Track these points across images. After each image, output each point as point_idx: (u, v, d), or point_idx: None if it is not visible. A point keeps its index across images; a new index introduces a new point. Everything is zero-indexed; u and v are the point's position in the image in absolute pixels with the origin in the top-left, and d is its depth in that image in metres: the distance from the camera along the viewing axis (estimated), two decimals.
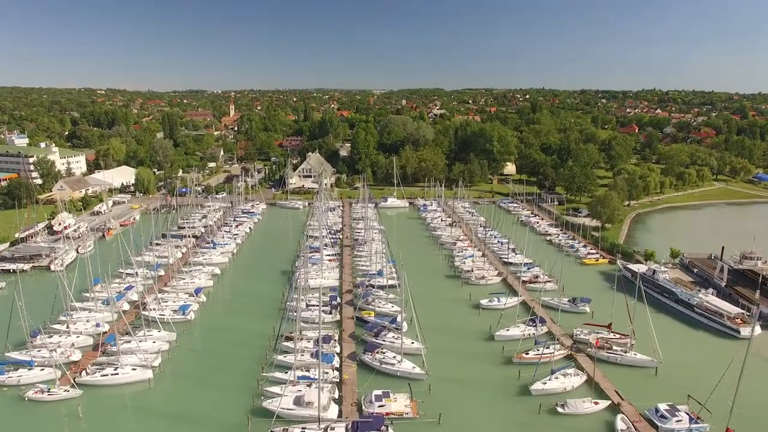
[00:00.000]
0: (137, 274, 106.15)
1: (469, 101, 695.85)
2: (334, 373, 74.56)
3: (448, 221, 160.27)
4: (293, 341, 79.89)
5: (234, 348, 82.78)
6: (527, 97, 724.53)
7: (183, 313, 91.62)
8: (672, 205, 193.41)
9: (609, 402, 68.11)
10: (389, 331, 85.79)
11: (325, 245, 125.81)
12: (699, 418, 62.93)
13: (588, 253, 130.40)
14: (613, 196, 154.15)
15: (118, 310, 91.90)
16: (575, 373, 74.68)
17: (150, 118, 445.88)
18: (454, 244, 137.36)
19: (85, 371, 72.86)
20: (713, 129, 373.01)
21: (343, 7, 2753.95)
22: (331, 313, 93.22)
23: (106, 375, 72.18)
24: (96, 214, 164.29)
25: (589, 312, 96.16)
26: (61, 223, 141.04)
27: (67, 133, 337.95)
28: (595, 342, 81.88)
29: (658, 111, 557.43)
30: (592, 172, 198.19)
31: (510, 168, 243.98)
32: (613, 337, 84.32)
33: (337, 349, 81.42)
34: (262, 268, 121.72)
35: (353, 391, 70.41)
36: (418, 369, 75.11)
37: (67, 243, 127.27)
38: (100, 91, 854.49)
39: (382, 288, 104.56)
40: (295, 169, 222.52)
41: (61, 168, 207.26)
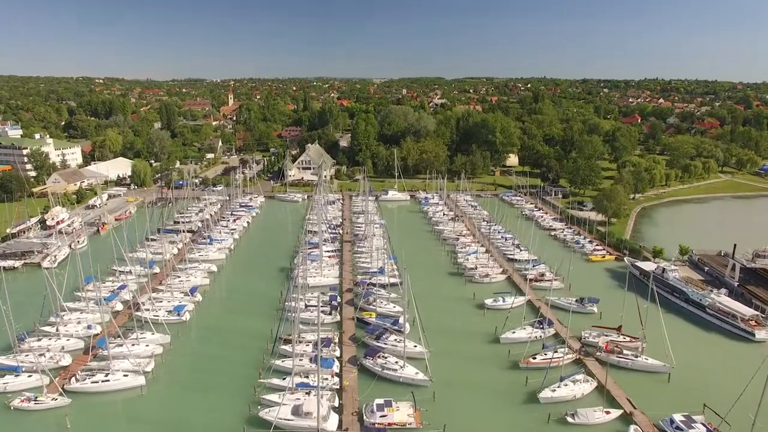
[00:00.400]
0: (131, 272, 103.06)
1: (470, 90, 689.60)
2: (334, 379, 71.63)
3: (450, 215, 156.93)
4: (291, 344, 77.08)
5: (230, 351, 79.79)
6: (529, 86, 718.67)
7: (178, 314, 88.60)
8: (678, 199, 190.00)
9: (621, 411, 65.14)
10: (391, 333, 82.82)
11: (325, 241, 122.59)
12: (717, 431, 59.97)
13: (594, 249, 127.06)
14: (619, 189, 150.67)
15: (110, 312, 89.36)
16: (585, 379, 71.72)
17: (148, 107, 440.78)
18: (457, 239, 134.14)
19: (74, 377, 69.83)
20: (717, 119, 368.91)
21: None
22: (330, 314, 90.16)
23: (97, 382, 69.14)
24: (91, 208, 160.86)
25: (597, 313, 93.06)
26: (54, 218, 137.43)
27: (63, 123, 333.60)
28: (605, 346, 78.88)
29: (661, 100, 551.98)
30: (596, 164, 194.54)
31: (512, 160, 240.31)
32: (623, 340, 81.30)
33: (337, 352, 78.46)
34: (261, 264, 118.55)
35: (354, 399, 67.49)
36: (421, 375, 72.15)
37: (60, 239, 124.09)
38: (98, 80, 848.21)
39: (384, 287, 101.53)
40: (294, 161, 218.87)
41: (55, 160, 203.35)
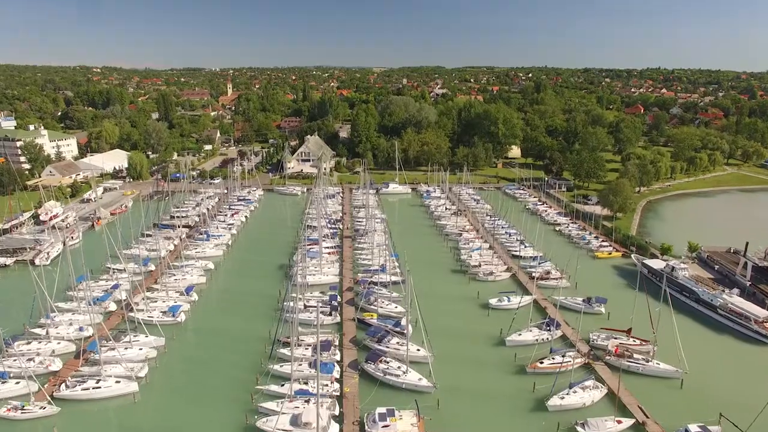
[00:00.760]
0: (125, 269, 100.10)
1: (471, 80, 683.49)
2: (335, 385, 68.92)
3: (452, 209, 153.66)
4: (290, 347, 74.29)
5: (227, 354, 77.11)
6: (530, 75, 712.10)
7: (173, 315, 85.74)
8: (683, 192, 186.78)
9: (633, 421, 62.47)
10: (393, 336, 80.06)
11: (324, 237, 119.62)
12: None
13: (600, 245, 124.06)
14: (625, 183, 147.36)
15: (103, 312, 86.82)
16: (594, 385, 68.90)
17: (146, 97, 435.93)
18: (460, 234, 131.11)
19: (64, 384, 67.09)
20: (721, 110, 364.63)
21: None
22: (330, 314, 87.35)
23: (87, 389, 66.32)
24: (86, 202, 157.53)
25: (605, 313, 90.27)
26: (48, 213, 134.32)
27: (60, 113, 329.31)
28: (615, 349, 76.15)
29: (664, 90, 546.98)
30: (600, 156, 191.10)
31: (515, 152, 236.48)
32: (633, 343, 78.58)
33: (338, 356, 75.71)
34: (259, 261, 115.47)
35: (355, 408, 64.81)
36: (425, 381, 69.40)
37: (53, 234, 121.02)
38: (96, 69, 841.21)
39: (385, 285, 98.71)
40: (293, 153, 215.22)
41: (50, 152, 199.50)
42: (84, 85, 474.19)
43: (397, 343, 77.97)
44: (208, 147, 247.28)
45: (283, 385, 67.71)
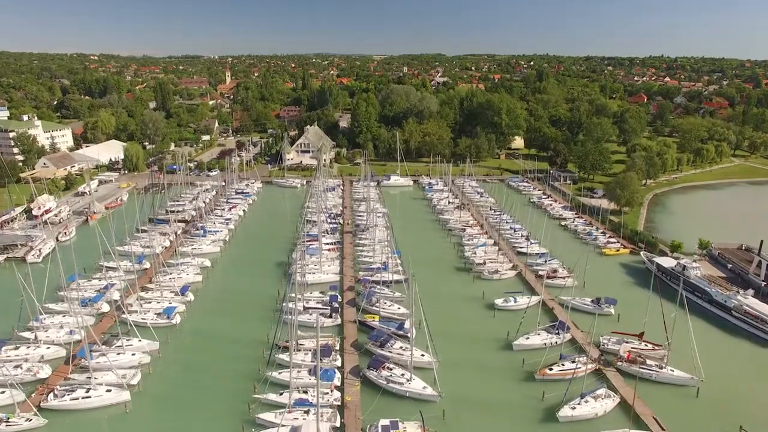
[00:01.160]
0: (119, 268, 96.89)
1: (472, 68, 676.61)
2: (335, 393, 65.93)
3: (455, 203, 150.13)
4: (289, 353, 71.24)
5: (223, 360, 74.01)
6: (531, 63, 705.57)
7: (167, 317, 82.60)
8: (690, 184, 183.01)
9: None
10: (396, 340, 77.01)
11: (325, 232, 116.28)
12: None
13: (607, 241, 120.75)
14: (632, 177, 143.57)
15: (95, 315, 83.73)
16: (607, 394, 65.94)
17: (144, 85, 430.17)
18: (463, 230, 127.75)
19: (52, 393, 64.10)
20: (726, 99, 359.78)
21: None
22: (331, 316, 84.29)
23: (77, 399, 63.30)
24: (80, 195, 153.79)
25: (615, 315, 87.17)
26: (40, 207, 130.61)
27: (56, 102, 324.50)
28: (627, 355, 73.10)
29: (667, 79, 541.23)
30: (606, 148, 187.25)
31: (518, 142, 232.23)
32: (645, 348, 75.54)
33: (339, 362, 72.71)
34: (257, 259, 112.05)
35: (357, 419, 61.84)
36: (429, 389, 66.40)
37: (46, 230, 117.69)
38: (93, 57, 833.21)
39: (387, 285, 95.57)
40: (292, 143, 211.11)
41: (44, 143, 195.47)
42: (81, 73, 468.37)
43: (401, 348, 74.96)
44: (206, 137, 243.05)
45: (281, 393, 64.80)
